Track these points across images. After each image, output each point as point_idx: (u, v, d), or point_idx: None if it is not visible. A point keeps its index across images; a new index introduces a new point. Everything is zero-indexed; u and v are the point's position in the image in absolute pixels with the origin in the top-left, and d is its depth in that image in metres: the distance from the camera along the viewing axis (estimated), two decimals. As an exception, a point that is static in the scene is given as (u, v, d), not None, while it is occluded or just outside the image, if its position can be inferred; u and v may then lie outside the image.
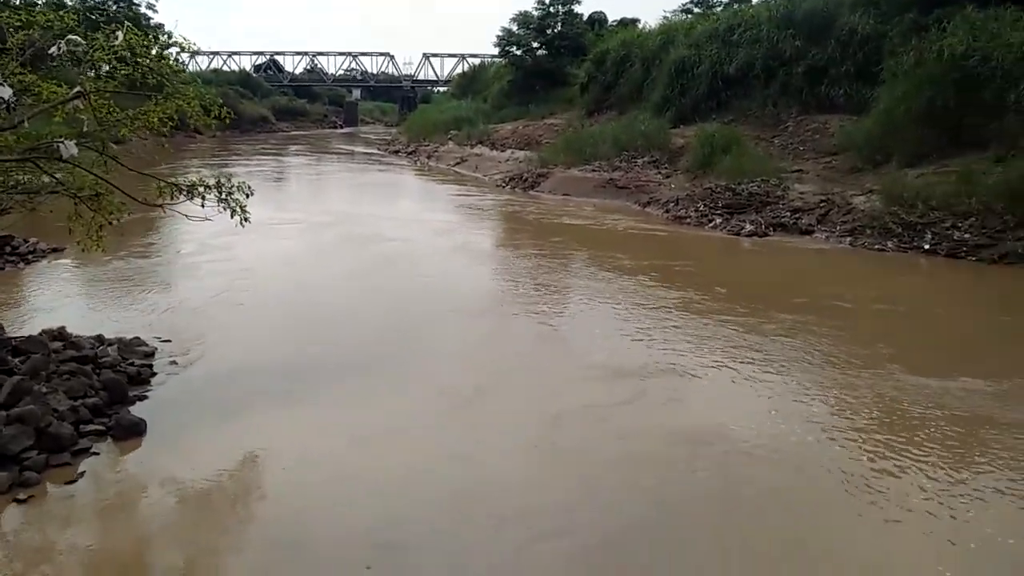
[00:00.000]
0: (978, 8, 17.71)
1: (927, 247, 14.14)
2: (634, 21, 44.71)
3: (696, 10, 50.33)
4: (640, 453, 6.30)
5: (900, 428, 6.78)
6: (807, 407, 7.25)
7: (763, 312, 10.43)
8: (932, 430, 6.73)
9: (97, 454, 6.01)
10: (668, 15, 44.77)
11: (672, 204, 19.59)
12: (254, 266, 12.97)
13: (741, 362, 8.45)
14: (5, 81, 6.69)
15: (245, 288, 11.50)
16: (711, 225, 17.47)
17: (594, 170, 24.09)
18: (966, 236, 13.83)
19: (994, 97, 15.73)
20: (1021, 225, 13.44)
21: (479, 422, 6.98)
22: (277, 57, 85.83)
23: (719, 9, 46.28)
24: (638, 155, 24.24)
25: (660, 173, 22.67)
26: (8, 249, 12.47)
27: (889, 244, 14.63)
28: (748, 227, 16.63)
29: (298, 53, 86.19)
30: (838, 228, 15.92)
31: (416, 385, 7.76)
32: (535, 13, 42.29)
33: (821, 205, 17.03)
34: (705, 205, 18.56)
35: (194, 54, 10.98)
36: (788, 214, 17.12)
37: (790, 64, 23.50)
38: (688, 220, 18.20)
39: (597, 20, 47.00)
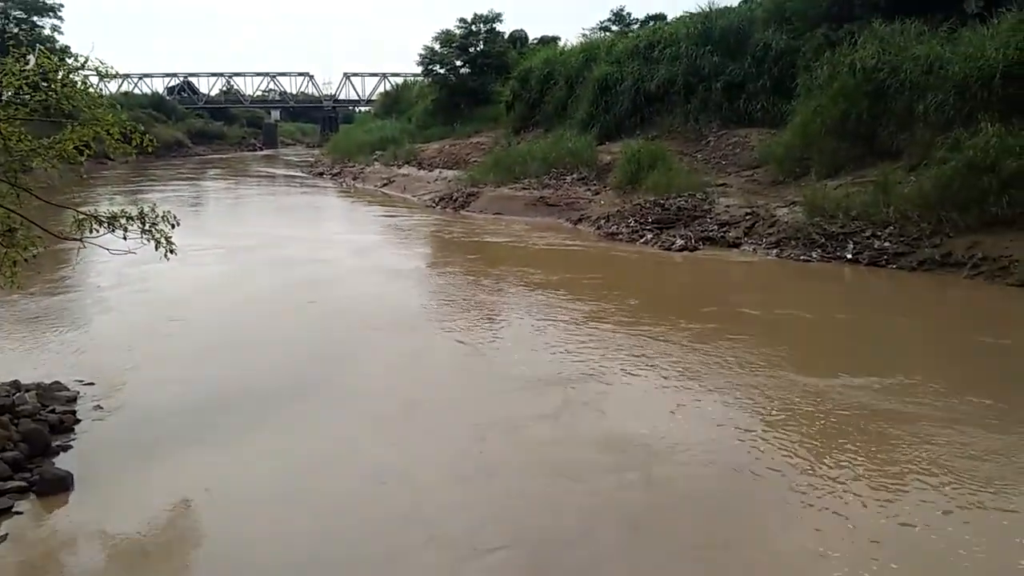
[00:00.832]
0: (884, 22, 18.57)
1: (850, 256, 14.60)
2: (555, 39, 45.34)
3: (614, 28, 51.66)
4: (563, 462, 6.48)
5: (799, 425, 7.13)
6: (722, 410, 7.52)
7: (688, 322, 10.69)
8: (827, 425, 7.10)
9: (20, 513, 5.54)
10: (587, 33, 45.78)
11: (603, 221, 19.78)
12: (176, 296, 12.53)
13: (661, 371, 8.74)
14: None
15: (168, 321, 11.10)
16: (643, 241, 17.67)
17: (524, 188, 24.15)
18: (886, 245, 14.35)
19: (904, 108, 16.49)
20: (936, 232, 14.01)
21: (407, 439, 7.09)
22: (191, 78, 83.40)
23: (636, 27, 47.59)
24: (567, 172, 24.44)
25: (589, 190, 22.89)
26: (-95, 290, 11.55)
27: (814, 255, 15.07)
28: (679, 242, 16.90)
29: (213, 74, 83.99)
30: (764, 240, 16.33)
31: (344, 408, 7.77)
32: (457, 31, 42.40)
33: (747, 218, 17.47)
34: (636, 221, 18.79)
35: (103, 77, 10.50)
36: (716, 228, 17.48)
37: (709, 80, 24.15)
38: (620, 236, 18.38)
39: (519, 38, 47.45)
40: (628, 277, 14.87)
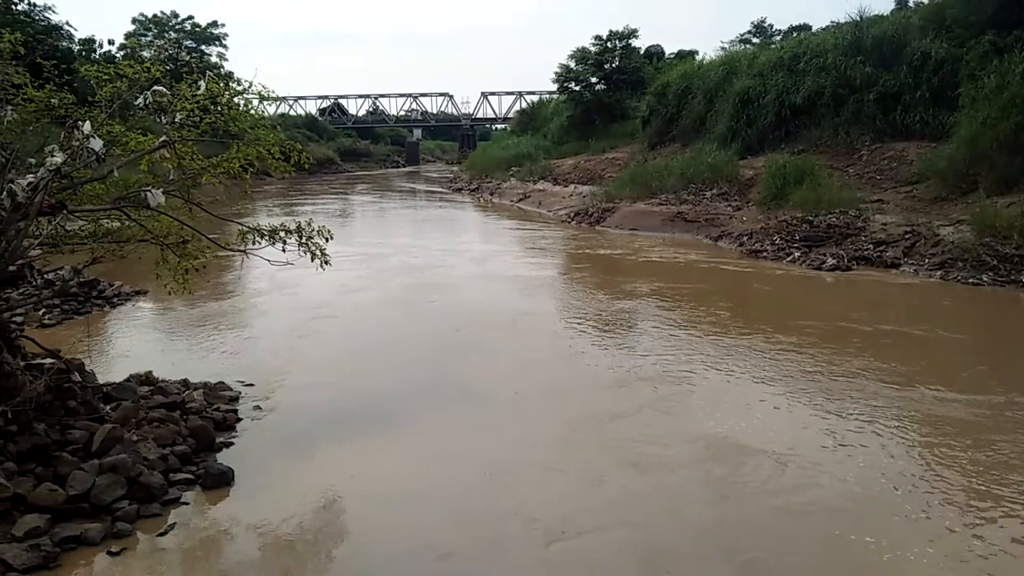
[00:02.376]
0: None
1: (1027, 280, 13.30)
2: (692, 53, 44.48)
3: (755, 40, 50.12)
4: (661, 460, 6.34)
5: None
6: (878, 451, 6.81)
7: (844, 348, 10.00)
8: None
9: (187, 504, 5.92)
10: (726, 46, 44.66)
11: (746, 237, 19.07)
12: (322, 301, 13.19)
13: (806, 398, 8.19)
14: (95, 133, 6.82)
15: (321, 325, 11.78)
16: (789, 259, 16.87)
17: (661, 204, 23.76)
18: (1070, 268, 12.98)
19: (1091, 120, 14.92)
20: None
21: (513, 434, 7.43)
22: (341, 100, 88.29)
23: (778, 38, 45.92)
24: (706, 188, 23.85)
25: (730, 206, 22.20)
26: (95, 293, 12.81)
27: (984, 278, 13.83)
28: (830, 260, 16.00)
29: (361, 96, 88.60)
30: (927, 261, 15.17)
31: (459, 405, 8.08)
32: (592, 49, 42.51)
33: (906, 237, 16.30)
34: (781, 238, 17.99)
35: (263, 99, 11.48)
36: (871, 246, 16.43)
37: (861, 91, 22.95)
38: (764, 254, 17.64)
39: (655, 53, 46.99)
40: (773, 297, 14.22)
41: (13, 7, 35.82)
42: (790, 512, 5.82)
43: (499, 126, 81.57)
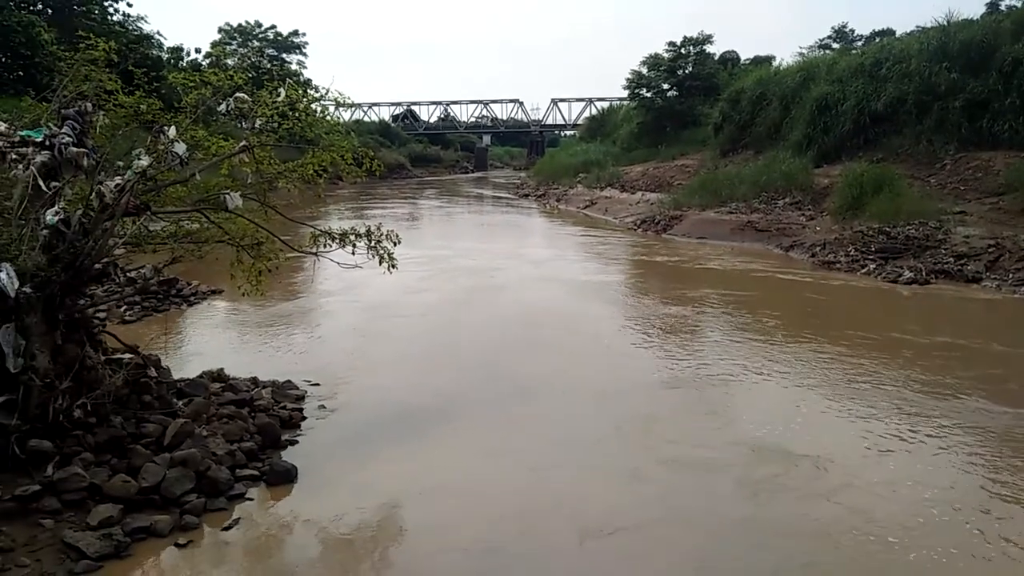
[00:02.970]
0: None
1: (1121, 298, 12.54)
2: (768, 59, 43.59)
3: (835, 45, 48.73)
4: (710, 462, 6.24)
5: None
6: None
7: (918, 364, 9.62)
8: None
9: (251, 500, 6.10)
10: (804, 51, 43.52)
11: (819, 248, 18.53)
12: (394, 304, 13.50)
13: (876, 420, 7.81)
14: (180, 138, 7.10)
15: (385, 326, 12.13)
16: (864, 271, 16.32)
17: (731, 212, 23.32)
18: None
19: None
20: None
21: (557, 435, 7.61)
22: (413, 107, 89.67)
23: (859, 44, 44.52)
24: (778, 196, 23.30)
25: (803, 215, 21.61)
26: (173, 292, 13.34)
27: (1075, 294, 13.11)
28: (907, 274, 15.40)
29: (432, 103, 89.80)
30: (1011, 276, 14.45)
31: (508, 406, 8.16)
32: (666, 55, 42.05)
33: (990, 250, 15.56)
34: (856, 249, 17.41)
35: (339, 106, 11.81)
36: (951, 260, 15.75)
37: (945, 98, 22.02)
38: (838, 265, 17.11)
39: (730, 60, 46.23)
40: (845, 310, 13.75)
41: (108, 17, 37.68)
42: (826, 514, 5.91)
43: (568, 132, 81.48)
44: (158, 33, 43.56)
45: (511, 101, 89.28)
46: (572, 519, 5.87)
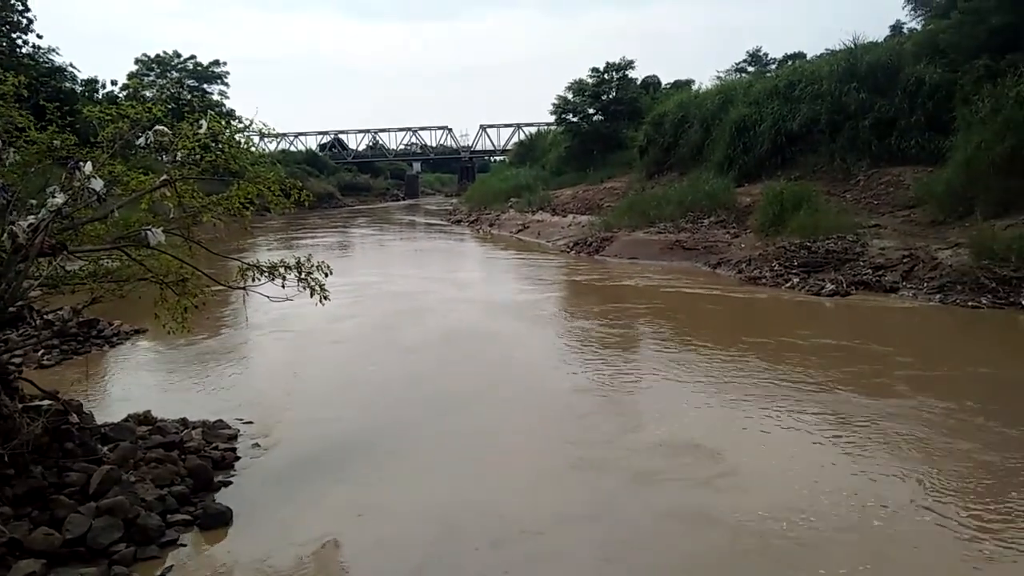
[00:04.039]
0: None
1: (1025, 302, 13.29)
2: (688, 83, 44.98)
3: (750, 69, 50.64)
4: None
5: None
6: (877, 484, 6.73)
7: (845, 375, 9.98)
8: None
9: (184, 546, 5.86)
10: (722, 75, 45.10)
11: (744, 264, 19.10)
12: (326, 335, 13.24)
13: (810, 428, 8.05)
14: (96, 174, 6.87)
15: (318, 359, 11.93)
16: (788, 285, 16.89)
17: (660, 232, 23.85)
18: (1069, 289, 12.98)
19: (1085, 142, 15.02)
20: None
21: (492, 462, 7.63)
22: (341, 135, 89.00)
23: (773, 67, 46.40)
24: (703, 215, 23.98)
25: (728, 233, 22.28)
26: (94, 333, 12.80)
27: (983, 301, 13.83)
28: (829, 286, 16.00)
29: (361, 131, 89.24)
30: (925, 285, 15.17)
31: (502, 460, 7.72)
32: (590, 81, 42.98)
33: (905, 261, 16.33)
34: (780, 264, 18.02)
35: (263, 136, 11.58)
36: (870, 271, 16.45)
37: (856, 117, 23.16)
38: (763, 280, 17.66)
39: (651, 84, 47.50)
40: (771, 323, 14.21)
41: (17, 50, 36.33)
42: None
43: (498, 158, 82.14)
44: (71, 65, 42.14)
45: (440, 128, 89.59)
46: (493, 526, 6.13)
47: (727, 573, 5.47)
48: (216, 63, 60.35)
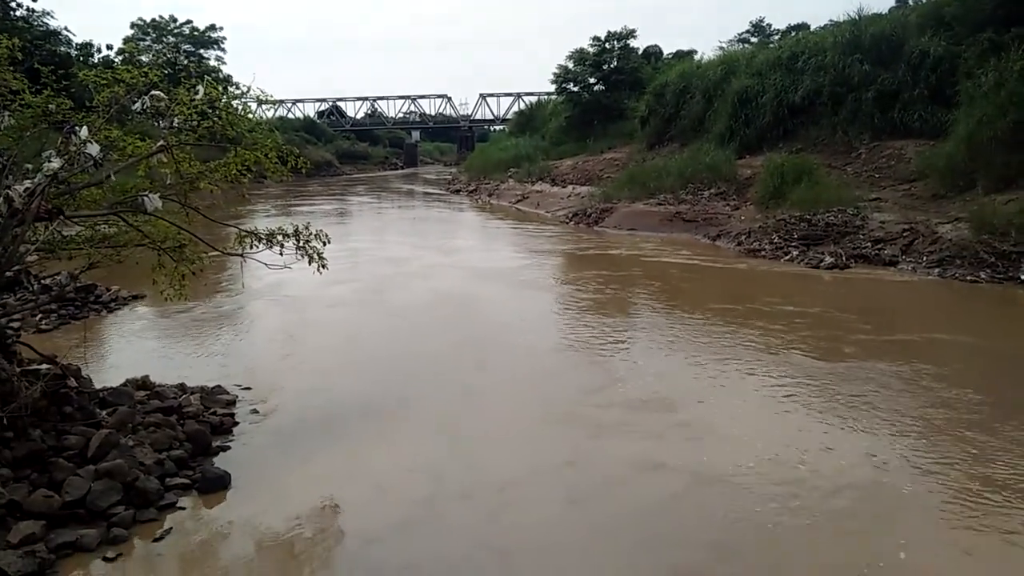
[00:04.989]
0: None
1: (1024, 278, 13.31)
2: (690, 53, 44.54)
3: (753, 39, 50.15)
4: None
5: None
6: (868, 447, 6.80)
7: (838, 347, 10.06)
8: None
9: (183, 508, 5.91)
10: (724, 45, 44.68)
11: (744, 237, 19.07)
12: (324, 303, 13.27)
13: (802, 400, 8.11)
14: (92, 138, 6.81)
15: (316, 325, 11.95)
16: (787, 258, 16.88)
17: (659, 204, 23.77)
18: (1068, 265, 12.99)
19: (1089, 117, 14.92)
20: None
21: (475, 430, 7.70)
22: (339, 103, 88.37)
23: (776, 38, 45.95)
24: (704, 187, 23.87)
25: (728, 205, 22.21)
26: (92, 298, 12.80)
27: (982, 275, 13.84)
28: (828, 259, 16.00)
29: (359, 99, 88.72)
30: (924, 259, 15.17)
31: (484, 418, 7.96)
32: (591, 50, 42.54)
33: (904, 234, 16.30)
34: (780, 237, 17.99)
35: (261, 103, 11.53)
36: (869, 245, 16.43)
37: (859, 90, 22.96)
38: (763, 253, 17.65)
39: (653, 54, 47.06)
40: (769, 294, 14.19)
41: (11, 12, 35.86)
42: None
43: (497, 127, 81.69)
44: (66, 29, 41.59)
45: (439, 96, 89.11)
46: (473, 479, 6.44)
47: (676, 511, 5.97)
48: (212, 28, 59.76)
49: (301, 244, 7.84)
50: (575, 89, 42.57)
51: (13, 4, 36.68)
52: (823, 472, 6.40)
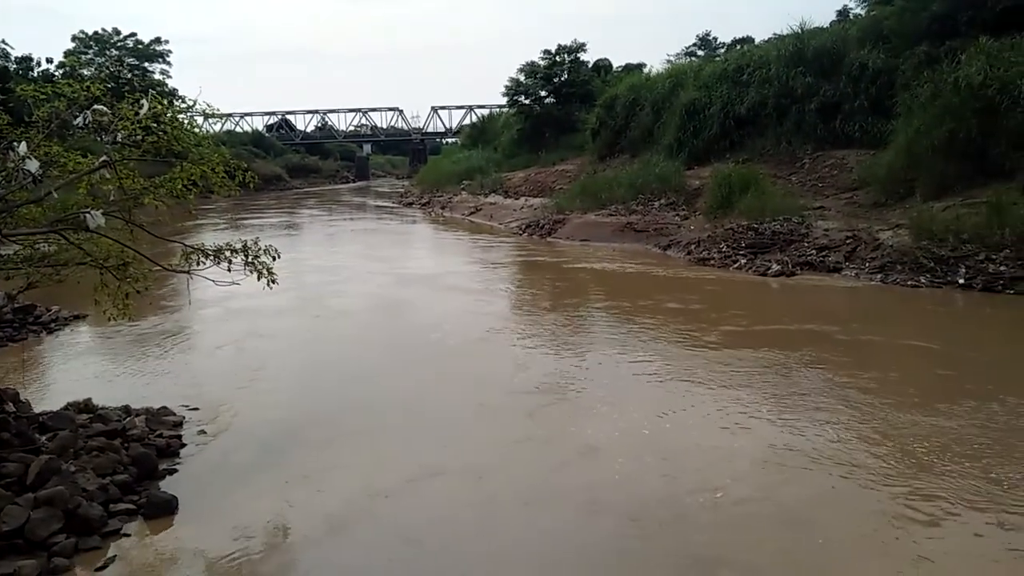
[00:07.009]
0: (991, 38, 17.66)
1: (962, 281, 13.77)
2: (639, 66, 45.15)
3: (700, 53, 51.19)
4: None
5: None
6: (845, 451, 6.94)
7: (784, 350, 10.24)
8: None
9: (128, 535, 5.72)
10: (672, 59, 45.47)
11: (694, 246, 19.38)
12: (273, 319, 13.15)
13: (750, 399, 8.22)
14: (32, 154, 6.60)
15: (265, 344, 11.79)
16: (736, 266, 17.20)
17: (611, 214, 24.01)
18: (1002, 268, 13.49)
19: (1017, 126, 15.54)
20: (1059, 254, 13.09)
21: (425, 433, 7.71)
22: (289, 116, 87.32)
23: (722, 51, 46.97)
24: (654, 198, 24.18)
25: (678, 215, 22.55)
26: (31, 319, 12.39)
27: (922, 280, 14.29)
28: (775, 267, 16.35)
29: (309, 112, 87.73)
30: (867, 265, 15.59)
31: (435, 440, 7.77)
32: (542, 63, 42.84)
33: (847, 242, 16.75)
34: (728, 246, 18.32)
35: (207, 117, 11.31)
36: (814, 252, 16.83)
37: (802, 101, 23.54)
38: (712, 261, 17.95)
39: (603, 67, 47.54)
40: (718, 302, 14.44)
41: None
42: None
43: (449, 140, 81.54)
44: (3, 42, 40.40)
45: (391, 109, 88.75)
46: (414, 478, 6.73)
47: (577, 472, 6.76)
48: (158, 40, 58.68)
49: (250, 259, 7.70)
50: (527, 102, 42.80)
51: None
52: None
